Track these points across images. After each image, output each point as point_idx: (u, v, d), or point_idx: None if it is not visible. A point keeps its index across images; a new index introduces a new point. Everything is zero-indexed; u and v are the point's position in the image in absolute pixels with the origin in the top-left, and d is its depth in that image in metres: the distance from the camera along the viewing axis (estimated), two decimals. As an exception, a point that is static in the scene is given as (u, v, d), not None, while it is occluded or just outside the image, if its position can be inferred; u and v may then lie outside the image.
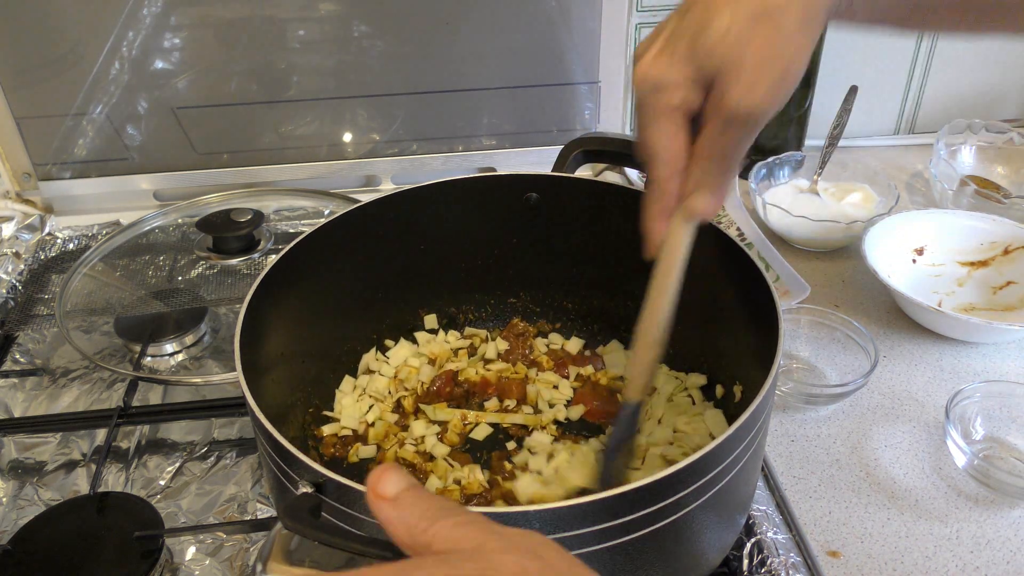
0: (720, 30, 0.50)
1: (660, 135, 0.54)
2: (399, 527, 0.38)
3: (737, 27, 0.50)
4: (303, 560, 0.49)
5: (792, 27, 0.50)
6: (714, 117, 0.52)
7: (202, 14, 1.09)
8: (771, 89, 0.51)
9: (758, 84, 0.50)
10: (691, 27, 0.51)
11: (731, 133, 0.52)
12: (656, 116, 0.54)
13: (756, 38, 0.50)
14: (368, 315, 0.86)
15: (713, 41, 0.50)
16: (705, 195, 0.56)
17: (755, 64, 0.50)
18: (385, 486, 0.39)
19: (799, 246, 1.08)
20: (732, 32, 0.50)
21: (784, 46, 0.50)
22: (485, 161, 1.23)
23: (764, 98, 0.51)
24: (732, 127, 0.52)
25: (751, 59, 0.50)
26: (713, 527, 0.59)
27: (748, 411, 0.54)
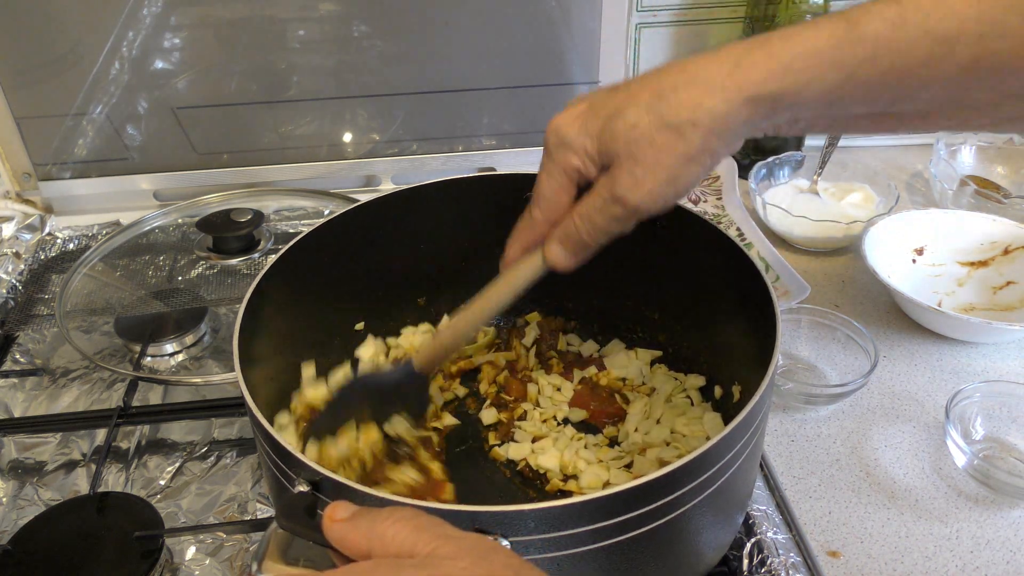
0: (630, 122, 0.53)
1: (550, 183, 0.59)
2: (356, 536, 0.43)
3: (645, 126, 0.53)
4: (298, 560, 0.49)
5: (693, 147, 0.53)
6: (599, 190, 0.57)
7: (202, 14, 1.09)
8: (655, 191, 0.54)
9: (644, 183, 0.54)
10: (610, 108, 0.55)
11: (609, 212, 0.56)
12: (554, 168, 0.58)
13: (658, 142, 0.53)
14: (367, 314, 0.86)
15: (621, 130, 0.54)
16: (563, 251, 0.61)
17: (649, 165, 0.53)
18: (338, 512, 0.44)
19: (799, 246, 1.08)
20: (639, 128, 0.53)
21: (679, 159, 0.53)
22: (485, 161, 1.23)
23: (647, 197, 0.54)
24: (612, 208, 0.56)
25: (646, 160, 0.53)
26: (711, 526, 0.59)
27: (745, 410, 0.54)
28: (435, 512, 0.44)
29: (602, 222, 0.57)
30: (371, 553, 0.42)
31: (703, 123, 0.52)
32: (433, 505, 0.46)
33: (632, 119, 0.53)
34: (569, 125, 0.57)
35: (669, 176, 0.54)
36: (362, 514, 0.44)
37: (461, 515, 0.48)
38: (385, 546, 0.41)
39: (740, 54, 0.51)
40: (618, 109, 0.54)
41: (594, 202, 0.57)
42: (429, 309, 0.90)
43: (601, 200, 0.56)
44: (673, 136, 0.52)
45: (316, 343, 0.81)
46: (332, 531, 0.44)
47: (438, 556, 0.40)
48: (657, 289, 0.82)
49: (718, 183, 1.20)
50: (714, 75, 0.51)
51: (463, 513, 0.48)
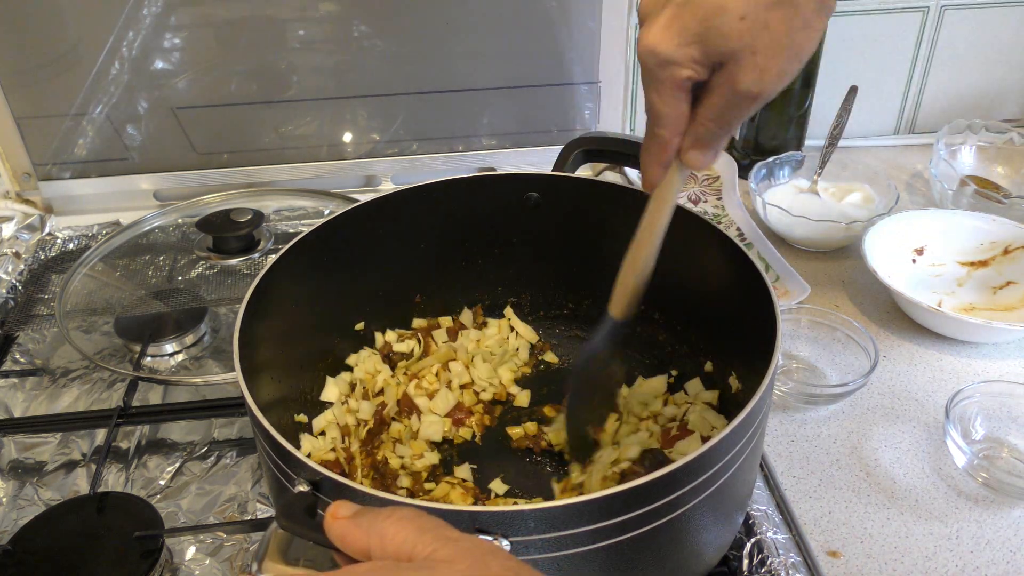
0: (737, 13, 0.50)
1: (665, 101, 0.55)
2: (357, 533, 0.42)
3: (755, 11, 0.49)
4: (298, 560, 0.49)
5: (810, 10, 0.50)
6: (721, 91, 0.53)
7: (202, 14, 1.09)
8: (781, 73, 0.51)
9: (770, 69, 0.51)
10: (705, 7, 0.50)
11: (737, 108, 0.54)
12: (661, 87, 0.54)
13: (772, 24, 0.50)
14: (367, 314, 0.86)
15: (728, 26, 0.50)
16: (704, 152, 0.58)
17: (769, 50, 0.50)
18: (340, 510, 0.44)
19: (799, 246, 1.08)
20: (749, 16, 0.49)
21: (799, 32, 0.50)
22: (485, 161, 1.23)
23: (774, 81, 0.52)
24: (739, 104, 0.53)
25: (765, 45, 0.50)
26: (711, 526, 0.59)
27: (746, 410, 0.54)
28: (436, 512, 0.44)
29: (734, 117, 0.54)
30: (370, 550, 0.42)
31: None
32: (434, 505, 0.46)
33: (739, 9, 0.49)
34: (665, 40, 0.52)
35: (791, 53, 0.51)
36: (364, 512, 0.44)
37: (462, 515, 0.48)
38: (385, 544, 0.41)
39: None
40: (717, 5, 0.50)
41: (719, 101, 0.54)
42: (425, 309, 0.89)
43: (727, 99, 0.53)
44: (787, 10, 0.49)
45: (316, 342, 0.82)
46: (333, 528, 0.43)
47: (436, 560, 0.40)
48: (657, 289, 0.82)
49: (718, 183, 1.20)
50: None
51: (463, 513, 0.48)
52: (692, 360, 0.81)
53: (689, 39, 0.51)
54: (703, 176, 1.22)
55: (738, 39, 0.50)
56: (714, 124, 0.55)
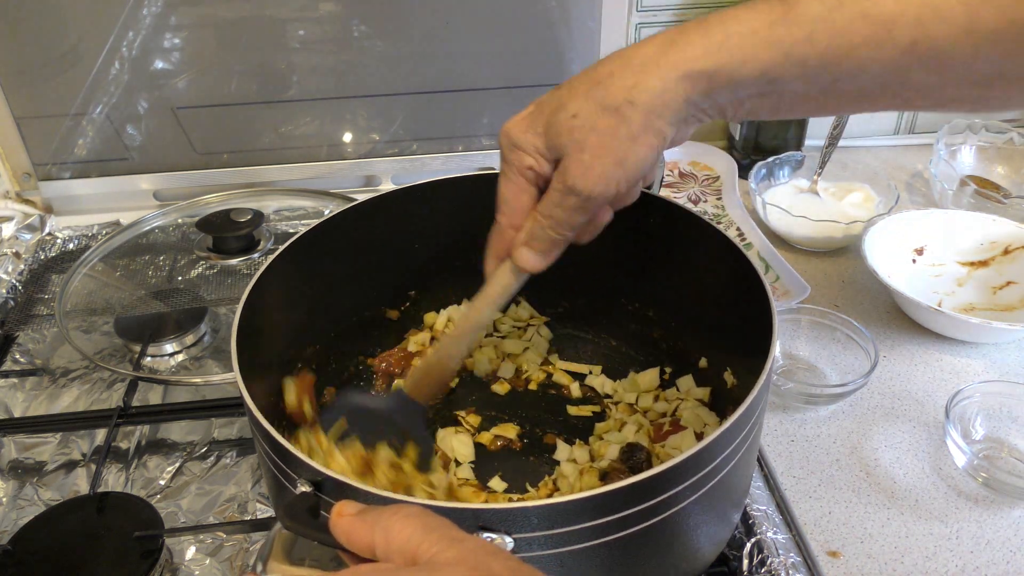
0: (571, 112, 0.55)
1: (510, 187, 0.60)
2: (363, 529, 0.43)
3: (586, 114, 0.54)
4: (303, 559, 0.49)
5: (635, 126, 0.53)
6: (555, 185, 0.57)
7: (202, 14, 1.09)
8: (605, 174, 0.55)
9: (593, 168, 0.55)
10: (554, 104, 0.56)
11: (566, 204, 0.57)
12: (510, 171, 0.59)
13: (599, 127, 0.54)
14: (364, 311, 0.86)
15: (563, 121, 0.55)
16: (532, 252, 0.61)
17: (595, 150, 0.54)
18: (346, 508, 0.45)
19: (799, 246, 1.08)
20: (580, 117, 0.54)
21: (624, 141, 0.54)
22: (485, 161, 1.23)
23: (598, 181, 0.55)
24: (568, 199, 0.57)
25: (592, 145, 0.54)
26: (708, 523, 0.59)
27: (742, 407, 0.54)
28: (439, 511, 0.44)
29: (563, 215, 0.58)
30: (375, 547, 0.42)
31: (640, 101, 0.52)
32: (438, 504, 0.47)
33: (573, 109, 0.54)
34: (517, 126, 0.58)
35: (616, 158, 0.54)
36: (370, 509, 0.44)
37: (465, 512, 0.48)
38: (390, 541, 0.42)
39: (675, 35, 0.53)
40: (560, 103, 0.55)
41: (551, 197, 0.58)
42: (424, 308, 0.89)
43: (557, 194, 0.57)
44: (614, 118, 0.53)
45: (316, 342, 0.81)
46: (338, 526, 0.44)
47: (439, 561, 0.40)
48: (656, 288, 0.82)
49: (718, 183, 1.20)
50: (649, 56, 0.53)
51: (467, 511, 0.49)
52: (687, 357, 0.81)
53: (536, 130, 0.57)
54: (703, 176, 1.22)
55: (568, 135, 0.55)
56: (544, 220, 0.59)
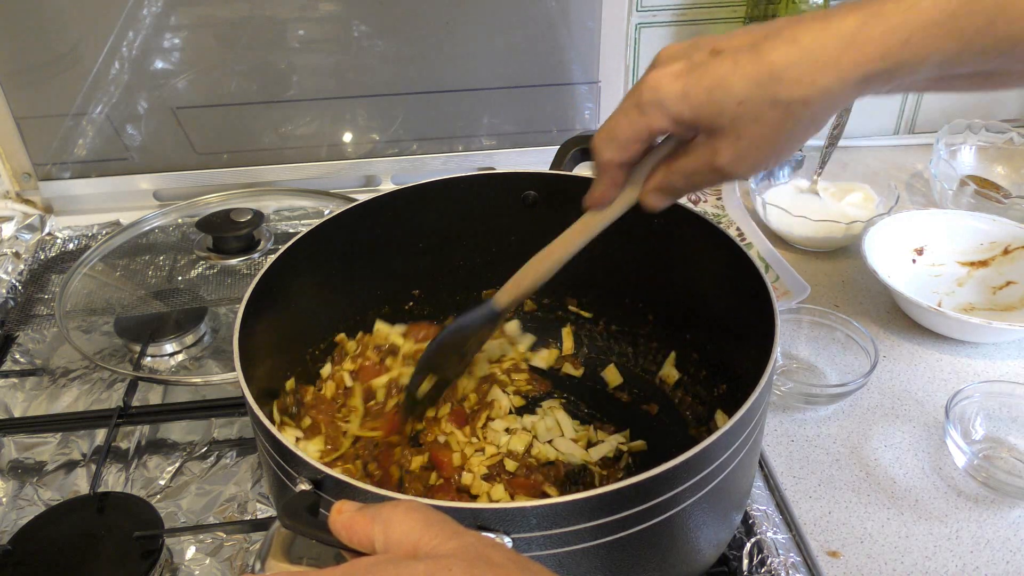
0: (738, 97, 0.51)
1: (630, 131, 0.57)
2: (363, 522, 0.43)
3: (754, 103, 0.51)
4: (301, 559, 0.49)
5: (801, 124, 0.52)
6: (700, 157, 0.55)
7: (202, 14, 1.09)
8: (756, 166, 0.54)
9: (747, 158, 0.53)
10: (715, 76, 0.52)
11: (706, 176, 0.57)
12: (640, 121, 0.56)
13: (765, 120, 0.51)
14: (366, 312, 0.86)
15: (727, 103, 0.52)
16: (664, 198, 0.60)
17: (753, 141, 0.52)
18: (346, 505, 0.45)
19: (799, 246, 1.08)
20: (746, 105, 0.51)
21: (784, 138, 0.52)
22: (485, 161, 1.23)
23: (748, 169, 0.54)
24: (710, 174, 0.56)
25: (752, 135, 0.52)
26: (709, 524, 0.59)
27: (744, 407, 0.54)
28: (440, 509, 0.44)
29: (699, 182, 0.57)
30: (375, 540, 0.42)
31: (815, 101, 0.50)
32: (436, 503, 0.46)
33: (740, 94, 0.51)
34: (670, 85, 0.53)
35: (773, 150, 0.53)
36: (369, 506, 0.44)
37: (463, 512, 0.48)
38: (389, 533, 0.42)
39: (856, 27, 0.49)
40: (723, 81, 0.52)
41: (694, 165, 0.56)
42: (425, 307, 0.89)
43: (702, 165, 0.55)
44: (782, 114, 0.51)
45: (316, 341, 0.82)
46: (338, 521, 0.44)
47: (439, 554, 0.40)
48: (656, 288, 0.82)
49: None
50: (830, 51, 0.49)
51: (465, 510, 0.49)
52: (690, 359, 0.82)
53: (688, 98, 0.53)
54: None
55: (730, 119, 0.52)
56: (682, 180, 0.58)
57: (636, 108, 0.55)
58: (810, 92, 0.50)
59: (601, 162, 0.60)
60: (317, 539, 0.46)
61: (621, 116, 0.57)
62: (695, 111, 0.53)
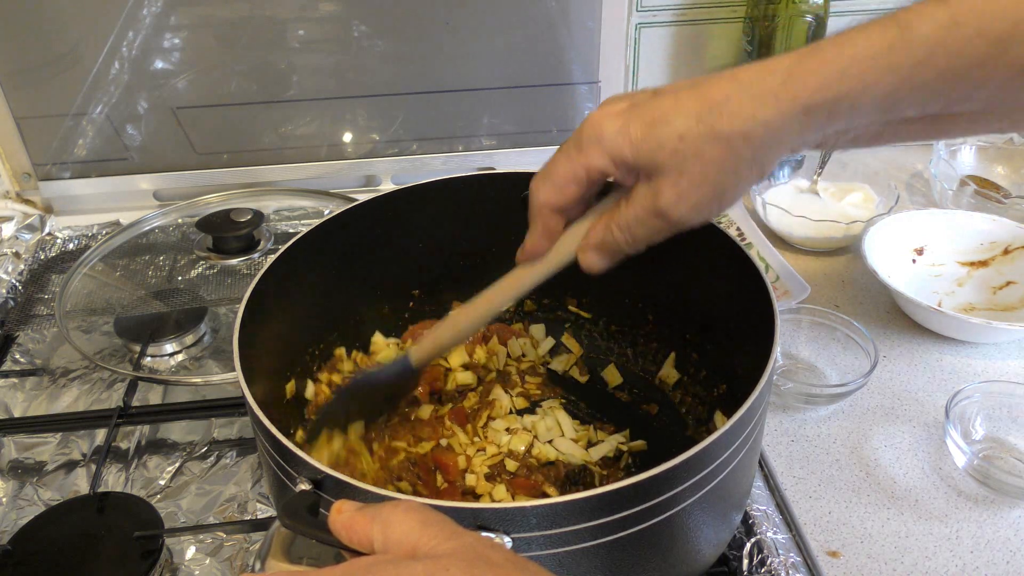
0: (678, 132, 0.51)
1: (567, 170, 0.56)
2: (362, 521, 0.43)
3: (694, 138, 0.50)
4: (301, 559, 0.49)
5: (743, 160, 0.51)
6: (641, 202, 0.54)
7: (202, 14, 1.09)
8: (700, 205, 0.53)
9: (690, 197, 0.52)
10: (655, 112, 0.52)
11: (652, 224, 0.55)
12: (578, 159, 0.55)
13: (706, 156, 0.51)
14: (366, 312, 0.86)
15: (667, 140, 0.51)
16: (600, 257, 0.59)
17: (694, 180, 0.51)
18: (346, 504, 0.45)
19: (799, 246, 1.08)
20: (687, 140, 0.50)
21: (728, 175, 0.51)
22: (485, 161, 1.23)
23: (691, 211, 0.53)
24: (655, 220, 0.54)
25: (692, 174, 0.51)
26: (709, 523, 0.59)
27: (744, 407, 0.54)
28: (439, 509, 0.44)
29: (642, 234, 0.56)
30: (374, 540, 0.42)
31: (756, 135, 0.50)
32: (436, 503, 0.47)
33: (680, 129, 0.51)
34: (610, 122, 0.53)
35: (716, 190, 0.52)
36: (369, 505, 0.44)
37: (463, 512, 0.48)
38: (388, 533, 0.42)
39: (792, 63, 0.50)
40: (664, 116, 0.51)
41: (635, 213, 0.55)
42: (425, 308, 0.89)
43: (643, 211, 0.54)
44: (723, 149, 0.50)
45: (317, 341, 0.81)
46: (338, 521, 0.44)
47: (438, 553, 0.40)
48: (656, 288, 0.82)
49: (718, 183, 1.20)
50: (768, 84, 0.50)
51: (465, 510, 0.48)
52: (690, 360, 0.82)
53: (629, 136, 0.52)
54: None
55: (670, 155, 0.51)
56: (623, 233, 0.56)
57: (575, 146, 0.55)
58: (750, 125, 0.50)
59: (535, 204, 0.59)
60: (317, 539, 0.46)
61: (559, 155, 0.56)
62: (635, 147, 0.52)
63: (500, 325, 0.89)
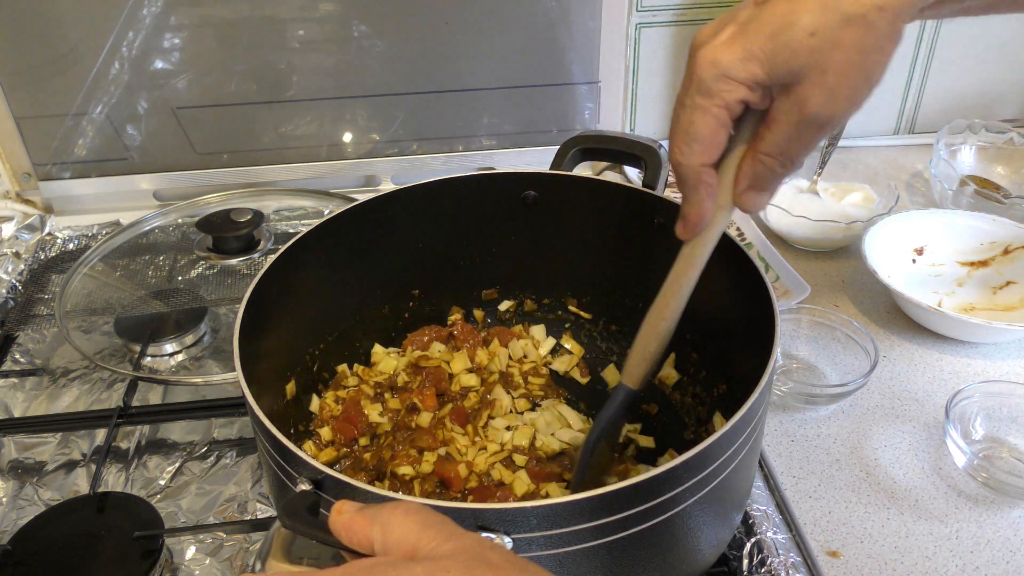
0: (807, 29, 0.47)
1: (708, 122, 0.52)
2: (362, 522, 0.43)
3: (827, 28, 0.47)
4: (301, 559, 0.49)
5: (884, 32, 0.48)
6: (788, 118, 0.50)
7: (202, 14, 1.09)
8: (853, 96, 0.49)
9: (841, 90, 0.49)
10: (773, 20, 0.48)
11: (805, 136, 0.51)
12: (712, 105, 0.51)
13: (844, 42, 0.47)
14: (366, 312, 0.86)
15: (798, 40, 0.47)
16: (761, 193, 0.55)
17: (840, 70, 0.48)
18: (346, 505, 0.44)
19: (799, 246, 1.08)
20: (820, 33, 0.47)
21: (871, 54, 0.48)
22: (485, 161, 1.23)
23: (846, 105, 0.49)
24: (808, 130, 0.50)
25: (836, 64, 0.48)
26: (709, 524, 0.59)
27: (744, 407, 0.54)
28: (439, 510, 0.44)
29: (800, 148, 0.51)
30: (373, 541, 0.42)
31: (888, 4, 0.47)
32: (437, 503, 0.47)
33: (809, 25, 0.47)
34: (727, 52, 0.49)
35: (864, 74, 0.48)
36: (369, 506, 0.44)
37: (464, 512, 0.48)
38: (388, 534, 0.42)
39: None
40: (785, 21, 0.48)
41: (784, 132, 0.51)
42: (425, 309, 0.89)
43: (791, 127, 0.50)
44: (860, 29, 0.47)
45: (317, 341, 0.81)
46: (338, 521, 0.44)
47: (438, 555, 0.40)
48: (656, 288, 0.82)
49: (718, 183, 1.20)
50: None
51: (466, 511, 0.48)
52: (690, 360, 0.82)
53: (754, 55, 0.49)
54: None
55: (807, 56, 0.47)
56: (776, 159, 0.52)
57: (701, 93, 0.51)
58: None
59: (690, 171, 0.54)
60: (317, 539, 0.46)
61: (688, 111, 0.52)
62: (767, 64, 0.49)
63: (500, 328, 0.89)
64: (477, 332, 0.87)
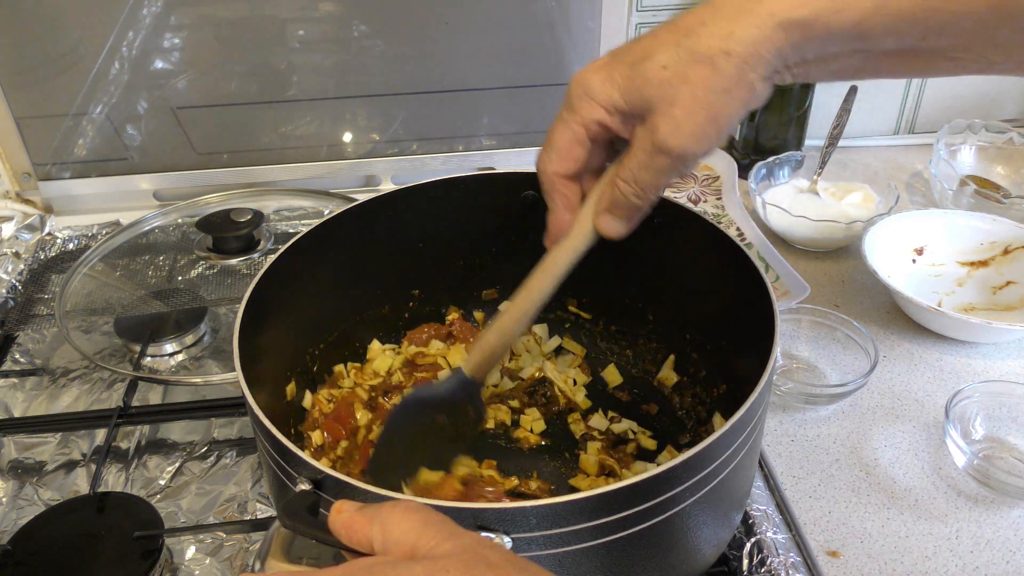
0: (661, 62, 0.51)
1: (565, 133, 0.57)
2: (361, 521, 0.43)
3: (676, 64, 0.51)
4: (301, 559, 0.49)
5: (729, 78, 0.51)
6: (641, 145, 0.54)
7: (202, 14, 1.09)
8: (698, 132, 0.52)
9: (685, 124, 0.52)
10: (635, 52, 0.53)
11: (656, 165, 0.54)
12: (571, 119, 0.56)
13: (692, 79, 0.51)
14: (366, 312, 0.86)
15: (652, 71, 0.52)
16: (615, 219, 0.58)
17: (687, 104, 0.51)
18: (346, 504, 0.45)
19: (799, 246, 1.08)
20: (670, 68, 0.51)
21: (719, 93, 0.51)
22: (485, 161, 1.23)
23: (691, 139, 0.52)
24: (658, 160, 0.54)
25: (684, 98, 0.51)
26: (709, 523, 0.59)
27: (744, 407, 0.54)
28: (439, 509, 0.44)
29: (650, 178, 0.55)
30: (373, 540, 0.42)
31: (736, 51, 0.50)
32: (436, 502, 0.47)
33: (662, 60, 0.51)
34: (594, 75, 0.54)
35: (709, 114, 0.51)
36: (369, 505, 0.44)
37: (463, 512, 0.48)
38: (388, 533, 0.42)
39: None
40: (645, 53, 0.52)
41: (636, 159, 0.54)
42: (424, 309, 0.89)
43: (644, 154, 0.54)
44: (707, 69, 0.50)
45: (317, 341, 0.81)
46: (337, 521, 0.44)
47: (437, 554, 0.40)
48: (656, 288, 0.82)
49: (718, 183, 1.20)
50: (742, 3, 0.50)
51: (465, 510, 0.48)
52: (690, 360, 0.82)
53: (614, 81, 0.53)
54: (703, 176, 1.22)
55: (658, 87, 0.51)
56: (630, 186, 0.56)
57: (567, 109, 0.56)
58: (729, 43, 0.50)
59: (546, 178, 0.59)
60: (317, 539, 0.46)
61: (555, 124, 0.57)
62: (623, 89, 0.53)
63: None
64: (476, 331, 0.87)
